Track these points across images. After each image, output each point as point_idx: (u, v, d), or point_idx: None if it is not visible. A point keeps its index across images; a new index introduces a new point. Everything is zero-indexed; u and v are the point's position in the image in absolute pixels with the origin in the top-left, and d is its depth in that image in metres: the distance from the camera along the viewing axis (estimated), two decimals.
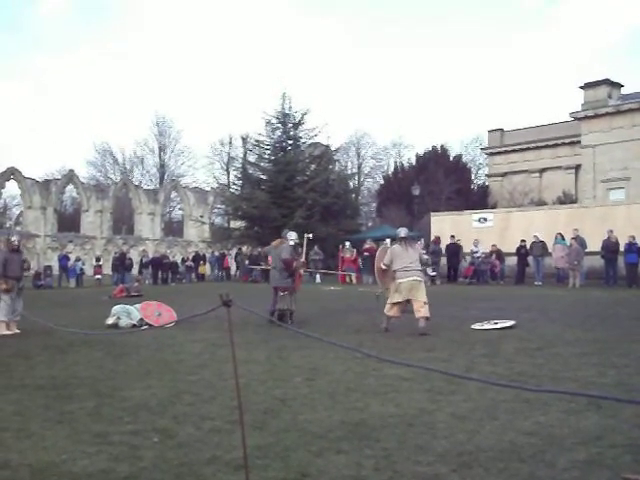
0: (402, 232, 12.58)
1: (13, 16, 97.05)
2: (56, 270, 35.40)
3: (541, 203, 42.55)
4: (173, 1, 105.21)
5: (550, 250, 26.91)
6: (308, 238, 15.58)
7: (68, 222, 56.03)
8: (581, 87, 44.37)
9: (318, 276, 31.64)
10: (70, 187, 55.01)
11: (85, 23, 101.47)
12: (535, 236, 27.22)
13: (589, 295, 19.73)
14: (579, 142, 44.58)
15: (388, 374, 7.72)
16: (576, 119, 44.19)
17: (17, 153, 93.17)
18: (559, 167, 47.91)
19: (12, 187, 52.64)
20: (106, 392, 7.22)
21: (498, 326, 11.92)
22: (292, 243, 13.56)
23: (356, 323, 13.46)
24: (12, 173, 48.54)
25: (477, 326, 12.12)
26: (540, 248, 26.95)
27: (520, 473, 4.38)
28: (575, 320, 13.09)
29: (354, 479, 4.36)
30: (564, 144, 47.44)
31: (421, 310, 11.63)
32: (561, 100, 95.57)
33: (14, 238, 13.48)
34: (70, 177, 52.16)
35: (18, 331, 12.59)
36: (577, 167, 46.38)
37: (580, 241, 25.35)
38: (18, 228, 56.52)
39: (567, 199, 43.26)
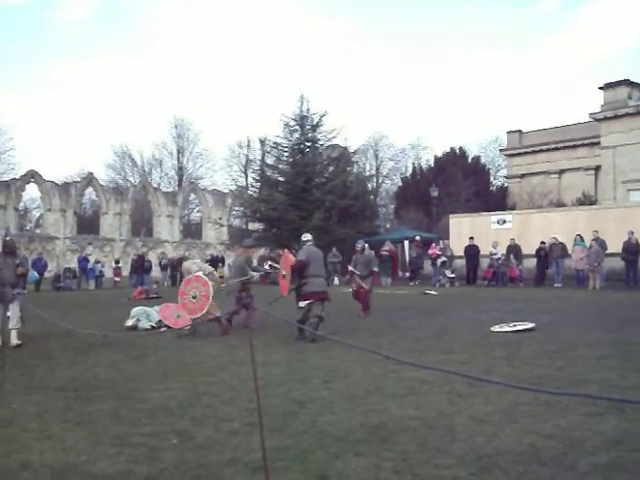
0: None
1: (33, 23, 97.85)
2: (76, 272, 35.62)
3: (560, 204, 42.25)
4: (191, 5, 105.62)
5: (570, 252, 26.71)
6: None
7: (87, 224, 56.42)
8: (600, 88, 43.99)
9: (336, 278, 31.62)
10: (89, 190, 55.40)
11: (103, 28, 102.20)
12: (554, 238, 27.04)
13: (609, 297, 19.57)
14: (599, 143, 44.20)
15: (407, 376, 7.69)
16: (596, 120, 43.81)
17: (37, 156, 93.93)
18: (578, 168, 47.56)
19: (32, 190, 53.14)
20: (125, 394, 7.25)
21: (517, 328, 11.85)
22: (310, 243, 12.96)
23: (374, 325, 13.42)
24: (32, 176, 48.91)
25: (496, 328, 12.04)
26: (560, 250, 26.77)
27: (540, 477, 4.35)
28: (595, 322, 12.97)
29: None
30: (583, 145, 47.09)
31: None
32: (580, 101, 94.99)
33: (8, 238, 12.63)
34: (89, 180, 52.48)
35: (19, 342, 11.30)
36: (597, 168, 46.00)
37: (600, 242, 25.15)
38: (38, 230, 57.00)
39: (587, 200, 42.91)
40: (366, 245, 15.36)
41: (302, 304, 11.71)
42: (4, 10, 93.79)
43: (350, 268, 15.59)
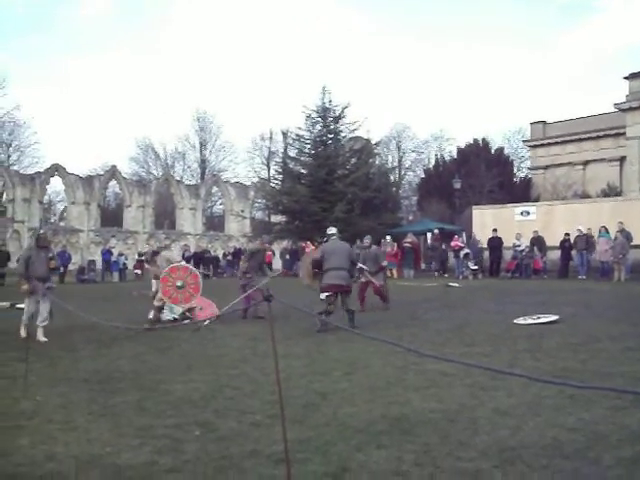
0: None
1: (56, 17, 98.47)
2: (99, 265, 35.90)
3: (585, 196, 41.82)
4: None
5: (595, 243, 26.48)
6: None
7: (111, 217, 56.78)
8: (625, 77, 43.45)
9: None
10: (113, 183, 55.68)
11: (125, 22, 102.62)
12: (579, 229, 26.81)
13: (634, 289, 19.38)
14: (624, 134, 43.68)
15: (429, 369, 7.68)
16: (620, 110, 43.29)
17: (61, 150, 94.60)
18: (603, 159, 47.01)
19: (56, 183, 53.53)
20: (149, 386, 7.31)
21: (541, 321, 11.78)
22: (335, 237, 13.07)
23: (395, 317, 13.39)
24: (56, 169, 49.29)
25: (520, 321, 11.98)
26: (584, 241, 26.55)
27: (564, 470, 4.32)
28: (620, 315, 12.85)
29: (395, 474, 4.35)
30: (608, 136, 46.53)
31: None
32: (605, 91, 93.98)
33: (42, 232, 12.46)
34: (113, 173, 52.76)
35: (45, 339, 11.07)
36: (622, 159, 45.48)
37: (625, 234, 24.90)
38: (62, 223, 57.48)
39: (612, 192, 42.43)
40: (388, 238, 15.44)
41: (322, 296, 11.91)
42: (26, 4, 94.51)
43: (359, 265, 15.51)
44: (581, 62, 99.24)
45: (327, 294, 11.93)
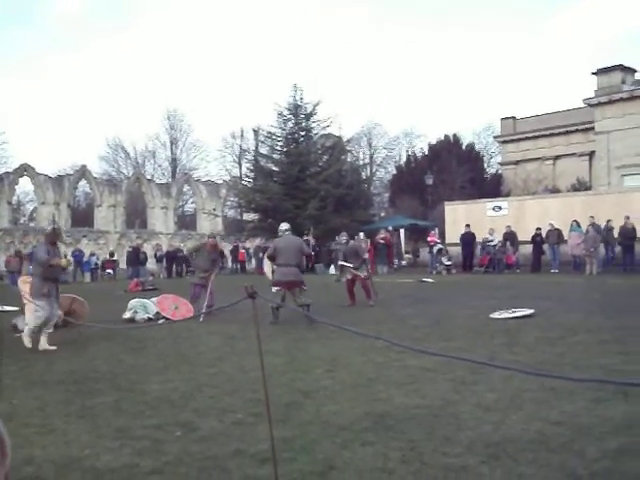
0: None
1: (25, 13, 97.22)
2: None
3: (555, 191, 42.21)
4: None
5: (566, 237, 26.72)
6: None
7: (82, 217, 56.16)
8: (594, 73, 43.88)
9: (333, 267, 31.56)
10: (83, 182, 55.09)
11: (94, 18, 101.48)
12: (550, 224, 27.03)
13: (607, 282, 19.56)
14: (593, 129, 44.15)
15: (410, 364, 7.65)
16: (589, 105, 43.73)
17: (30, 150, 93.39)
18: (573, 154, 47.48)
19: (25, 183, 52.78)
20: (126, 386, 7.21)
21: (517, 315, 11.81)
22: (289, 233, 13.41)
23: (373, 314, 13.38)
24: (25, 169, 48.66)
25: (496, 315, 12.00)
26: (556, 236, 26.78)
27: (551, 463, 4.30)
28: (594, 307, 12.93)
29: (381, 471, 4.31)
30: (578, 131, 46.99)
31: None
32: (574, 86, 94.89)
33: (57, 226, 11.92)
34: (83, 172, 52.22)
35: (54, 347, 10.19)
36: (591, 154, 45.96)
37: (596, 228, 25.17)
38: (32, 224, 56.78)
39: (581, 186, 42.91)
40: (361, 235, 15.43)
41: (273, 290, 12.76)
42: None
43: (340, 262, 15.56)
44: (550, 58, 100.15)
45: (277, 289, 12.67)
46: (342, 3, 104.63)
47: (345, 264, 15.26)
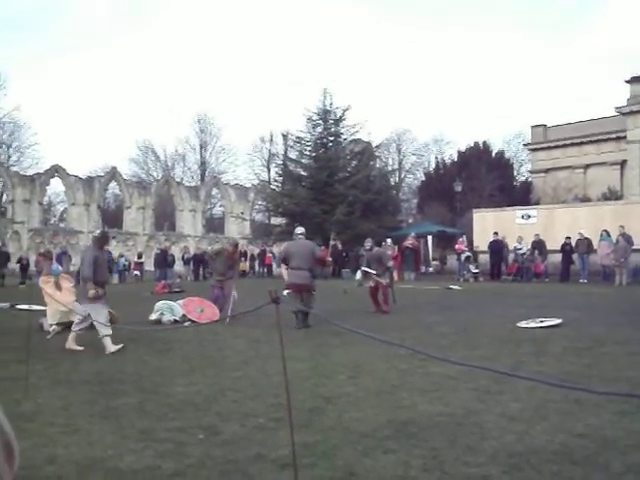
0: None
1: (55, 14, 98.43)
2: None
3: (586, 199, 41.79)
4: None
5: (595, 247, 26.44)
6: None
7: (111, 219, 56.71)
8: (627, 81, 43.46)
9: (359, 272, 31.49)
10: (113, 184, 55.68)
11: (128, 21, 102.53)
12: (580, 233, 26.77)
13: (636, 293, 19.32)
14: (625, 137, 43.72)
15: (433, 372, 7.61)
16: (622, 114, 43.31)
17: (61, 151, 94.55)
18: (604, 163, 47.00)
19: (57, 184, 53.47)
20: (151, 388, 7.24)
21: (544, 324, 11.70)
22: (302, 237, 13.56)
23: (398, 321, 13.32)
24: (56, 170, 49.26)
25: (523, 324, 11.90)
26: (585, 245, 26.50)
27: (573, 476, 4.25)
28: (623, 319, 12.77)
29: (402, 479, 4.28)
30: (609, 139, 46.53)
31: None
32: (606, 94, 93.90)
33: (106, 230, 11.70)
34: (113, 174, 52.73)
35: (81, 348, 10.19)
36: (623, 163, 45.50)
37: (626, 238, 24.86)
38: (62, 224, 57.41)
39: (612, 195, 42.45)
40: (388, 241, 15.39)
41: (285, 292, 12.56)
42: (27, 1, 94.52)
43: (364, 268, 15.53)
44: (582, 65, 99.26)
45: (288, 291, 12.67)
46: (375, 9, 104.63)
47: (368, 270, 15.22)
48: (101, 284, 10.34)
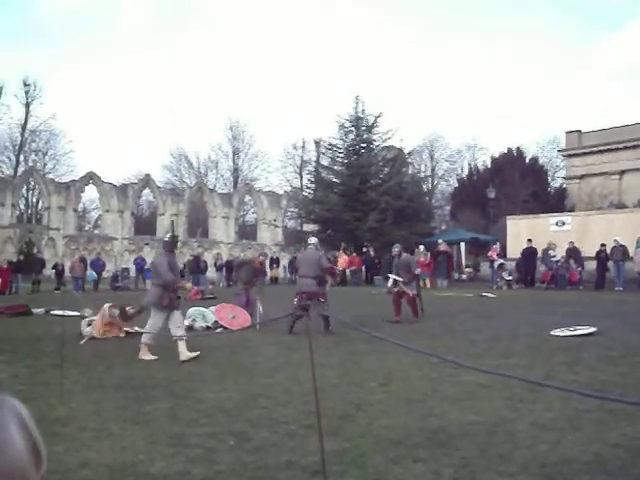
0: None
1: (93, 25, 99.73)
2: (133, 272, 36.18)
3: (621, 206, 41.21)
4: (246, 5, 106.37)
5: (631, 254, 26.05)
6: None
7: (145, 225, 57.22)
8: None
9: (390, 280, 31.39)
10: (147, 191, 56.21)
11: (160, 28, 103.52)
12: (615, 240, 26.39)
13: None
14: None
15: (465, 380, 7.56)
16: None
17: (96, 159, 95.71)
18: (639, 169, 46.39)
19: (91, 191, 54.12)
20: (182, 394, 7.28)
21: (578, 333, 11.56)
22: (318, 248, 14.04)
23: (430, 328, 13.24)
24: (91, 178, 49.89)
25: (556, 332, 11.76)
26: (621, 252, 26.13)
27: None
28: None
29: None
30: None
31: None
32: None
33: (177, 234, 11.78)
34: (147, 181, 53.24)
35: (196, 353, 9.91)
36: None
37: None
38: (96, 231, 58.08)
39: None
40: (421, 247, 15.33)
41: (295, 300, 12.75)
42: (66, 10, 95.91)
43: (392, 276, 15.37)
44: (617, 69, 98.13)
45: (296, 299, 12.72)
46: (407, 16, 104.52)
47: (396, 278, 15.06)
48: (172, 290, 10.35)
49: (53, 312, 16.49)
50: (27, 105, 58.94)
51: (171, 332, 10.16)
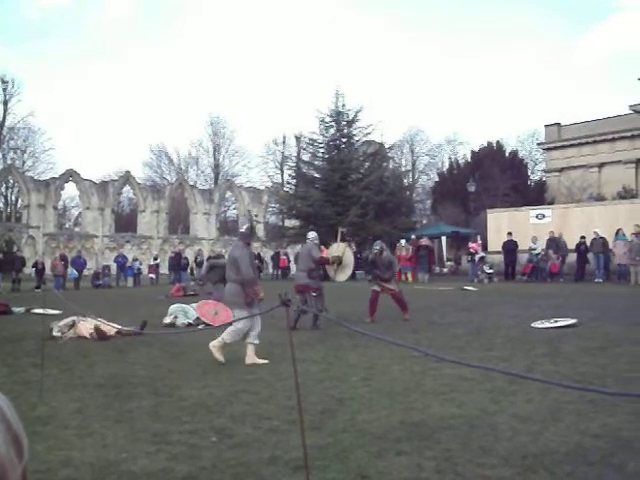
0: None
1: (71, 23, 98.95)
2: (114, 270, 36.04)
3: (600, 198, 41.53)
4: (226, 1, 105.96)
5: (611, 246, 26.26)
6: (342, 232, 16.28)
7: (125, 222, 57.02)
8: None
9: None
10: (127, 188, 55.93)
11: (138, 27, 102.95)
12: (595, 232, 26.59)
13: None
14: (639, 135, 43.46)
15: (447, 374, 7.59)
16: (636, 112, 43.04)
17: (75, 156, 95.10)
18: (618, 161, 46.71)
19: (71, 189, 53.80)
20: (164, 391, 7.26)
21: (559, 324, 11.65)
22: (316, 242, 13.83)
23: (412, 322, 13.28)
24: (71, 175, 49.56)
25: (537, 324, 11.85)
26: (600, 244, 26.33)
27: (588, 477, 4.22)
28: (639, 318, 12.68)
29: None
30: (623, 138, 46.23)
31: None
32: (620, 93, 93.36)
33: (254, 225, 10.98)
34: (127, 178, 52.99)
35: (265, 361, 9.15)
36: (637, 161, 45.25)
37: None
38: (77, 229, 57.73)
39: (627, 194, 42.16)
40: (403, 242, 15.25)
41: (297, 296, 13.06)
42: (42, 9, 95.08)
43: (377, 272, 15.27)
44: (596, 63, 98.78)
45: (298, 295, 13.10)
46: (386, 9, 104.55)
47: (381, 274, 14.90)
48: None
49: (34, 311, 16.38)
50: (5, 103, 58.42)
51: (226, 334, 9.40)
